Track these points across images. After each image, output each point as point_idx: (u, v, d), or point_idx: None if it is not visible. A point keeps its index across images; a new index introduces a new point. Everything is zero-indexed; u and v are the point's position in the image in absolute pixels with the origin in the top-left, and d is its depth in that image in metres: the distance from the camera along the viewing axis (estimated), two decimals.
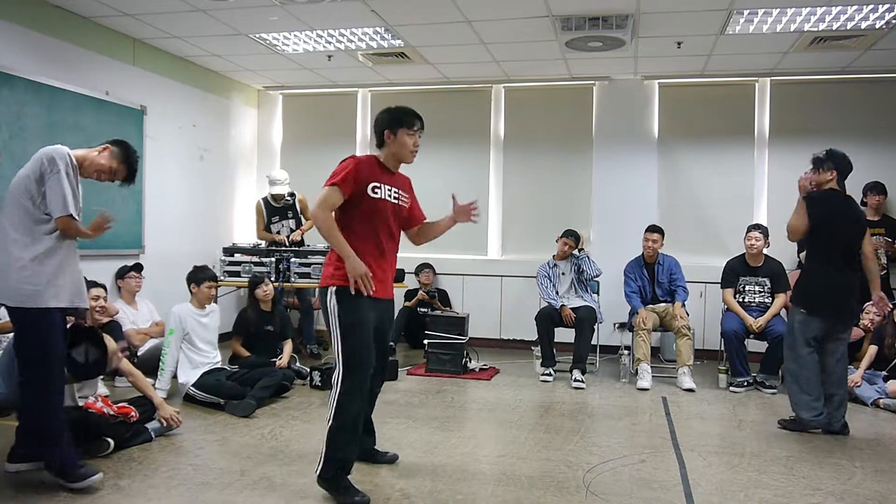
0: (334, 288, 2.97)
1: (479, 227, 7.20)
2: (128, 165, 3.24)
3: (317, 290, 6.15)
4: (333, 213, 2.99)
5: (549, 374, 5.65)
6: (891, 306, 5.22)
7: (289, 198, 6.50)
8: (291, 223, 6.53)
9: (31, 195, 2.96)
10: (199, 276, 4.87)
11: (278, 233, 6.42)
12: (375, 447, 3.48)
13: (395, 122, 3.11)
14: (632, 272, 5.96)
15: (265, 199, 6.55)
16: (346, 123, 7.72)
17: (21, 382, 3.01)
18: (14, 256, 2.93)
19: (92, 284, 3.78)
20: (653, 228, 5.91)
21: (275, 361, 5.07)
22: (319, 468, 2.97)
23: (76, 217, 3.00)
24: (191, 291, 4.87)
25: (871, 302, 5.43)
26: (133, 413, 3.66)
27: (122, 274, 5.64)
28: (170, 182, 6.47)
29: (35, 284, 2.92)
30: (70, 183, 2.99)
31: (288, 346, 5.30)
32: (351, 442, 2.99)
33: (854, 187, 6.18)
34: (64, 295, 3.00)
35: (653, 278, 5.91)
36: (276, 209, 6.51)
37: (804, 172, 4.34)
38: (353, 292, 2.90)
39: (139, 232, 6.09)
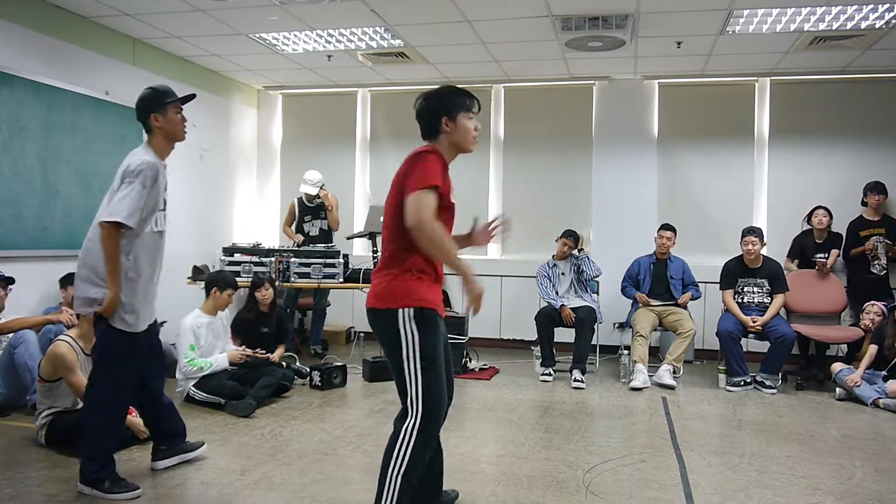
0: (411, 311, 2.39)
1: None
2: (164, 95, 3.15)
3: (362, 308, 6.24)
4: (402, 225, 2.39)
5: (549, 374, 5.65)
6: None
7: (318, 199, 6.61)
8: (324, 223, 6.68)
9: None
10: (222, 282, 4.75)
11: (308, 233, 6.62)
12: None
13: (454, 105, 2.54)
14: (636, 267, 6.04)
15: (299, 199, 6.71)
16: (346, 123, 7.71)
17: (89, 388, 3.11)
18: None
19: None
20: (667, 227, 6.01)
21: (281, 363, 5.08)
22: None
23: (127, 224, 2.93)
24: (209, 295, 4.75)
25: (871, 302, 5.44)
26: (144, 427, 3.66)
27: None
28: (169, 182, 6.43)
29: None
30: (139, 194, 2.97)
31: (280, 347, 5.28)
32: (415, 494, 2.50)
33: (856, 187, 6.24)
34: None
35: (663, 275, 5.95)
36: (309, 208, 6.69)
37: None
38: (468, 313, 2.41)
39: None
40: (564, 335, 5.88)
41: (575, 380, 5.42)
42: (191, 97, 3.24)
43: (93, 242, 3.00)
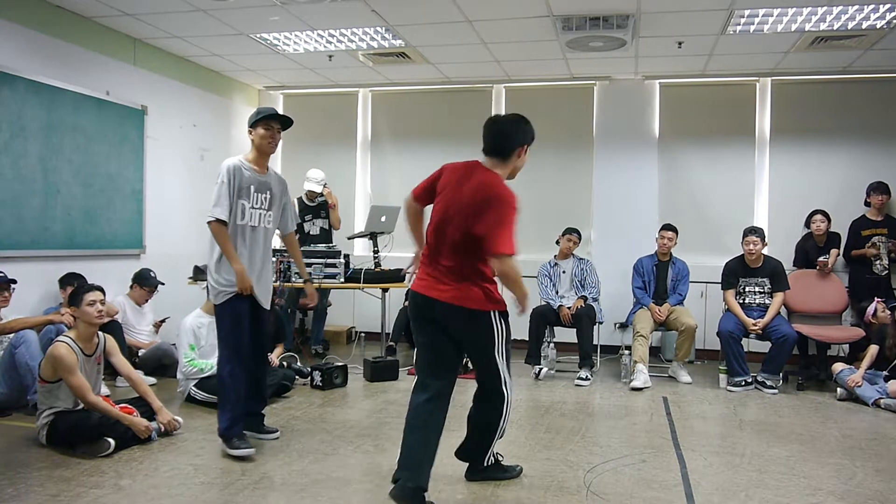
0: (499, 312, 2.93)
1: None
2: (255, 115, 3.79)
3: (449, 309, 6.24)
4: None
5: (539, 368, 5.64)
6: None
7: (321, 197, 6.60)
8: (324, 223, 6.67)
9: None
10: None
11: (308, 232, 6.58)
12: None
13: (530, 139, 2.91)
14: (640, 267, 6.03)
15: (300, 199, 6.68)
16: (347, 123, 7.71)
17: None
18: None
19: (90, 288, 3.79)
20: (668, 227, 6.00)
21: (282, 364, 5.06)
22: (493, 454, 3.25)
23: (220, 220, 3.57)
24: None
25: (879, 299, 5.44)
26: (145, 427, 3.68)
27: (140, 281, 5.59)
28: (170, 182, 6.47)
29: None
30: (220, 189, 3.59)
31: (279, 347, 5.27)
32: None
33: (857, 187, 6.23)
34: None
35: (664, 276, 5.96)
36: (309, 207, 6.66)
37: None
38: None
39: (140, 232, 6.08)
40: (566, 335, 5.88)
41: (579, 377, 5.44)
42: (287, 120, 3.98)
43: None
